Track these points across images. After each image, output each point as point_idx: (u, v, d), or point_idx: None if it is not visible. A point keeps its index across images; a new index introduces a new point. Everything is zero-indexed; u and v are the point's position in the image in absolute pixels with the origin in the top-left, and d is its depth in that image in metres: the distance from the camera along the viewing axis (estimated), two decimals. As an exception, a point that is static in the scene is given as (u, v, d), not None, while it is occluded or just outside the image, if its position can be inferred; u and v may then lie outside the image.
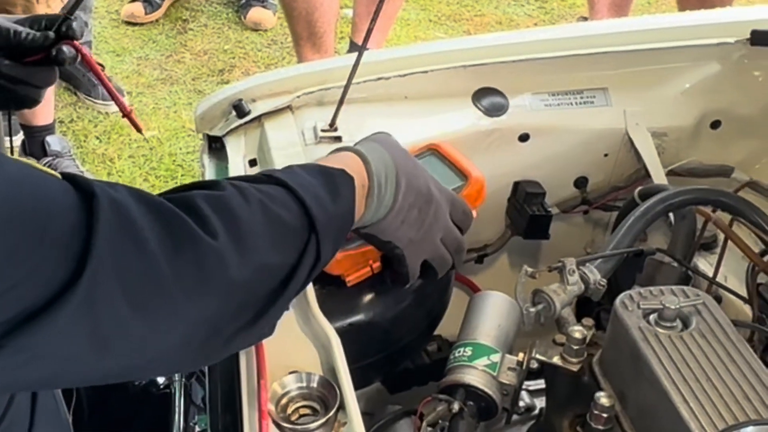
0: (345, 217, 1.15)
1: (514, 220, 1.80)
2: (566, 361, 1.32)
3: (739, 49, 1.82)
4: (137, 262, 0.87)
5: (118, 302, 0.85)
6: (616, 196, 1.85)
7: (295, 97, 1.71)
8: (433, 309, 1.51)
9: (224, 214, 0.98)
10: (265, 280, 1.03)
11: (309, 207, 1.07)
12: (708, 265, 1.66)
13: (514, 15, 4.79)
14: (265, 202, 1.04)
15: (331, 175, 1.15)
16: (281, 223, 1.05)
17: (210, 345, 1.00)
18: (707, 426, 1.08)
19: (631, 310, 1.24)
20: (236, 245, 0.97)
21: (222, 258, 0.95)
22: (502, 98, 1.78)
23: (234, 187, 1.04)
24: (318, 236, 1.08)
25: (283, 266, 1.05)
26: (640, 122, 1.81)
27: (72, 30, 1.30)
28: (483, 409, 1.36)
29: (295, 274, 1.06)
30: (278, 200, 1.07)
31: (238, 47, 4.51)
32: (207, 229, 0.95)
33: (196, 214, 0.96)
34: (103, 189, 0.88)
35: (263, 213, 1.03)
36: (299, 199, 1.08)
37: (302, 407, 1.15)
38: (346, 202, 1.14)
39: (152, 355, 0.94)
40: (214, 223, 0.96)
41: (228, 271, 0.96)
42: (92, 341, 0.86)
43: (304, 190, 1.09)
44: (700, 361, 1.17)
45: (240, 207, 1.01)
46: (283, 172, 1.13)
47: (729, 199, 1.56)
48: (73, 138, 3.82)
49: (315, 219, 1.07)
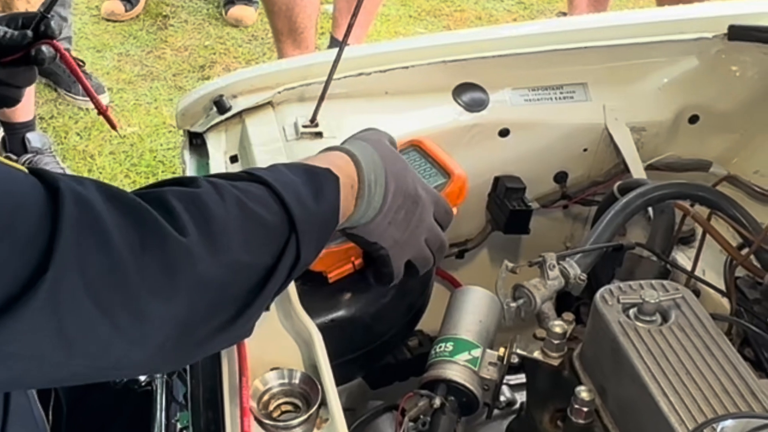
0: (328, 217, 1.13)
1: (494, 215, 1.80)
2: (547, 355, 1.33)
3: (716, 44, 1.83)
4: (101, 259, 0.85)
5: (82, 300, 0.84)
6: (595, 191, 1.86)
7: (275, 93, 1.71)
8: (414, 304, 1.51)
9: (196, 211, 0.96)
10: (240, 280, 1.01)
11: (289, 205, 1.05)
12: (687, 259, 1.66)
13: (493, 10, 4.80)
14: (242, 199, 1.02)
15: (316, 174, 1.13)
16: (259, 222, 1.03)
17: (183, 346, 0.98)
18: (686, 419, 1.09)
19: (610, 304, 1.24)
20: (207, 243, 0.95)
21: (191, 255, 0.93)
22: (482, 93, 1.78)
23: (210, 184, 1.02)
24: (298, 235, 1.06)
25: (260, 265, 1.03)
26: (619, 117, 1.82)
27: (50, 29, 1.29)
28: (464, 404, 1.36)
29: (274, 274, 1.04)
30: (257, 198, 1.04)
31: (219, 43, 4.50)
32: (176, 226, 0.93)
33: (167, 211, 0.94)
34: (68, 184, 0.86)
35: (239, 210, 1.01)
36: (279, 197, 1.06)
37: (284, 404, 1.15)
38: (329, 201, 1.12)
39: (119, 356, 0.91)
40: (185, 219, 0.94)
41: (197, 269, 0.94)
42: (57, 341, 0.84)
43: (285, 188, 1.07)
44: (679, 354, 1.17)
45: (214, 204, 0.99)
46: (265, 170, 1.12)
47: (707, 194, 1.57)
48: (54, 134, 3.81)
49: (295, 217, 1.05)
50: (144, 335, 0.91)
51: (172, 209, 0.94)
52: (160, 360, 0.99)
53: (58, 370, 0.89)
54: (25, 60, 1.30)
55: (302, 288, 1.33)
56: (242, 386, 1.12)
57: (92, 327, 0.86)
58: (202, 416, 1.18)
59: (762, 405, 1.11)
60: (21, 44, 1.29)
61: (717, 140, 1.89)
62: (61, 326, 0.83)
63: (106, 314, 0.86)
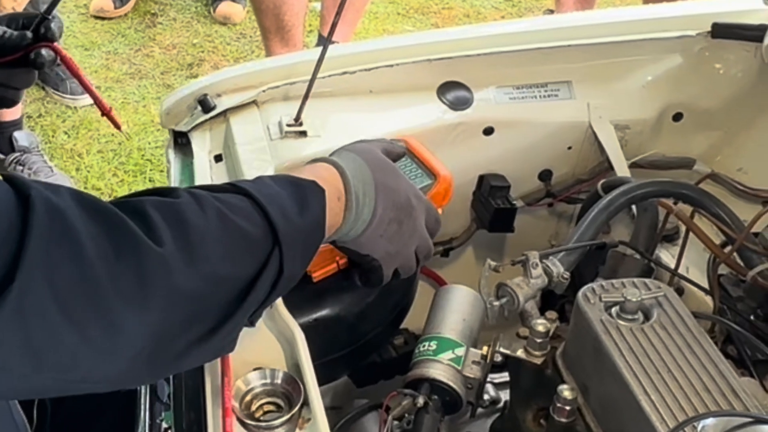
0: (313, 230, 1.11)
1: (479, 214, 1.81)
2: (530, 354, 1.34)
3: (700, 41, 1.84)
4: (72, 269, 0.83)
5: (50, 311, 0.82)
6: (580, 189, 1.86)
7: (260, 92, 1.70)
8: (399, 303, 1.51)
9: (174, 221, 0.94)
10: (219, 292, 0.98)
11: (272, 218, 1.03)
12: (670, 256, 1.67)
13: (481, 8, 4.80)
14: (224, 211, 1.00)
15: (301, 186, 1.11)
16: (240, 234, 1.01)
17: (158, 359, 0.94)
18: (667, 418, 1.10)
19: (593, 302, 1.25)
20: (184, 253, 0.93)
21: (166, 265, 0.91)
22: (466, 92, 1.78)
23: (190, 195, 1.00)
24: (281, 248, 1.03)
25: (241, 278, 1.01)
26: (603, 115, 1.83)
27: (50, 31, 1.27)
28: (448, 402, 1.36)
29: (255, 287, 1.01)
30: (239, 210, 1.02)
31: (207, 41, 4.50)
32: (153, 236, 0.91)
33: (144, 220, 0.92)
34: (41, 192, 0.84)
35: (220, 221, 0.99)
36: (262, 209, 1.04)
37: (266, 404, 1.15)
38: (314, 214, 1.10)
39: (90, 368, 0.89)
40: (162, 230, 0.92)
41: (173, 279, 0.91)
42: (25, 352, 0.82)
43: (269, 200, 1.05)
44: (661, 353, 1.18)
45: (193, 214, 0.97)
46: (250, 182, 1.10)
47: (690, 192, 1.57)
48: (42, 133, 3.80)
49: (279, 230, 1.03)
50: (116, 347, 0.89)
51: (149, 219, 0.93)
52: (134, 373, 0.95)
53: (26, 382, 0.87)
54: (24, 62, 1.28)
55: (286, 288, 1.33)
56: (224, 386, 1.12)
57: (61, 339, 0.84)
58: (185, 417, 1.18)
59: (743, 403, 1.11)
60: (20, 45, 1.27)
61: (701, 138, 1.90)
62: (28, 338, 0.81)
63: (76, 325, 0.84)
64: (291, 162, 1.57)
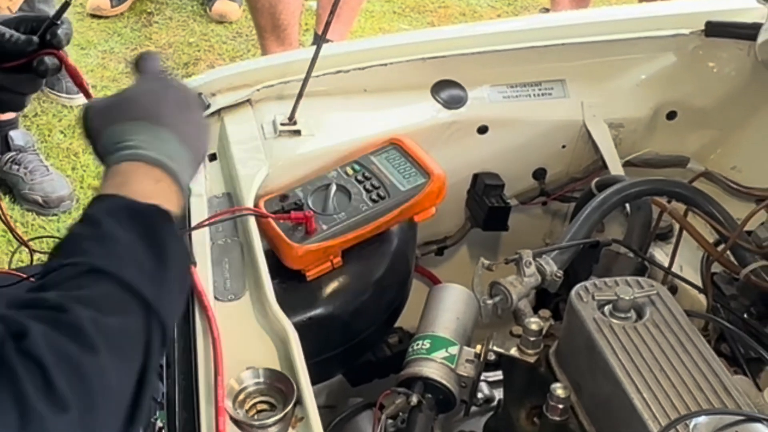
0: (179, 269, 1.03)
1: (473, 212, 1.81)
2: (523, 352, 1.34)
3: (693, 40, 1.84)
4: None
5: None
6: (574, 187, 1.86)
7: (254, 91, 1.70)
8: (393, 301, 1.52)
9: (77, 383, 0.85)
10: (121, 400, 0.91)
11: (143, 293, 0.95)
12: (664, 255, 1.67)
13: (477, 6, 4.79)
14: (103, 326, 0.90)
15: (150, 226, 1.01)
16: (122, 334, 0.92)
17: None
18: (660, 416, 1.10)
19: (586, 301, 1.25)
20: (86, 417, 0.85)
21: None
22: (460, 90, 1.79)
23: (77, 330, 0.88)
24: (158, 312, 0.96)
25: (135, 370, 0.93)
26: (597, 113, 1.83)
27: (57, 38, 1.23)
28: (441, 401, 1.36)
29: (149, 365, 0.94)
30: (111, 307, 0.93)
31: (203, 40, 4.49)
32: (56, 402, 0.83)
33: (48, 384, 0.84)
34: None
35: (107, 349, 0.89)
36: (130, 288, 0.94)
37: (259, 403, 1.15)
38: (175, 253, 1.02)
39: None
40: (66, 396, 0.84)
41: None
42: None
43: (129, 269, 0.96)
44: (654, 351, 1.18)
45: (90, 366, 0.87)
46: (99, 248, 0.98)
47: (684, 190, 1.58)
48: (37, 132, 3.79)
49: (151, 301, 0.95)
50: None
51: (52, 385, 0.84)
52: None
53: None
54: (28, 67, 1.24)
55: (280, 286, 1.34)
56: (217, 385, 1.13)
57: None
58: (178, 416, 1.18)
59: (735, 401, 1.12)
60: (25, 51, 1.23)
61: (694, 136, 1.90)
62: None
63: None
64: (285, 161, 1.57)
